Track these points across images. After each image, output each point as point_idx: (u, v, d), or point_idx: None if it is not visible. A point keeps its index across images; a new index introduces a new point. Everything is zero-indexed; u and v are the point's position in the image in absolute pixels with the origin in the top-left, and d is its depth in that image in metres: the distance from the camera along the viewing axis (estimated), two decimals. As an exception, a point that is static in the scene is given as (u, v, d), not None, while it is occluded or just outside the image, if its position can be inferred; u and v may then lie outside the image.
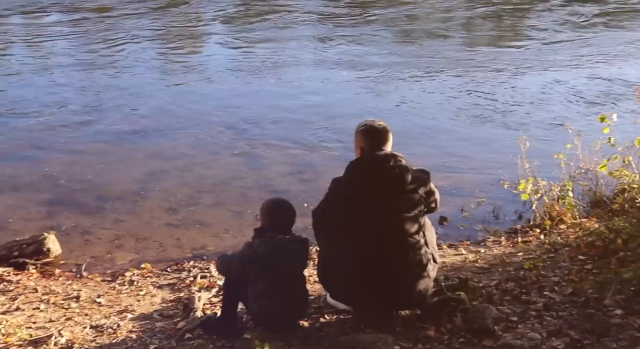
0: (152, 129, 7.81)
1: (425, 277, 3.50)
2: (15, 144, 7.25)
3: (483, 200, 5.83)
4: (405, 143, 6.93)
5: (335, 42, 12.09)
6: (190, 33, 12.72)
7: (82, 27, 12.60)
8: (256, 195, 5.96)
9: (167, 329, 3.80)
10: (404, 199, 3.48)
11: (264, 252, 3.40)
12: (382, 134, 3.57)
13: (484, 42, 12.66)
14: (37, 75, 9.70)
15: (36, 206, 5.92)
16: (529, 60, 10.94)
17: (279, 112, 8.45)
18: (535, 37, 12.51)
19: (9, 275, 4.79)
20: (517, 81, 9.88)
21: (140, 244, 5.34)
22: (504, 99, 9.09)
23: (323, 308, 3.86)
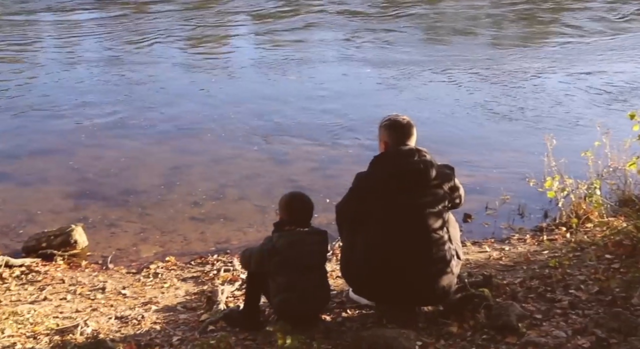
0: (178, 125, 7.88)
1: (449, 273, 3.48)
2: (44, 139, 7.35)
3: (508, 198, 5.76)
4: (429, 140, 6.88)
5: (363, 39, 12.09)
6: (218, 30, 12.79)
7: (111, 24, 12.74)
8: (280, 190, 5.93)
9: (191, 321, 3.83)
10: (428, 194, 3.46)
11: (283, 246, 3.41)
12: (406, 129, 3.55)
13: (514, 39, 12.54)
14: (66, 72, 9.84)
15: (64, 199, 6.00)
16: (558, 58, 10.81)
17: (304, 109, 8.47)
18: (568, 33, 12.35)
19: (37, 266, 4.87)
20: (545, 78, 9.77)
21: (165, 238, 5.39)
22: (531, 96, 9.00)
23: (345, 303, 3.86)
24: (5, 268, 4.72)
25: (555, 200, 5.50)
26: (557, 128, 7.50)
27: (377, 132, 3.67)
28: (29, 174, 6.46)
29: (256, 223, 5.56)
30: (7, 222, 5.53)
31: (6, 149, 6.99)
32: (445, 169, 3.56)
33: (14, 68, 9.94)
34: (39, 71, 9.77)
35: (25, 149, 7.02)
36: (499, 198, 5.79)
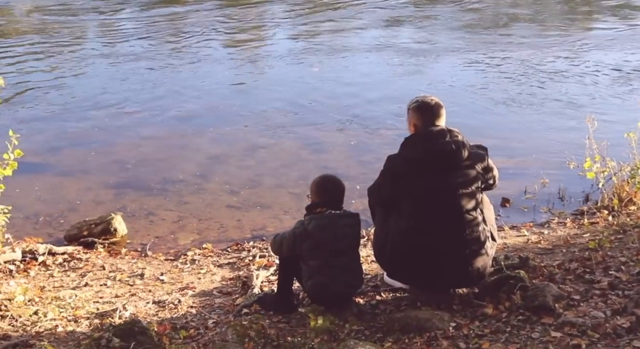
0: (215, 115, 7.96)
1: (483, 254, 3.42)
2: (86, 131, 7.52)
3: (547, 182, 5.65)
4: (467, 124, 6.81)
5: (401, 28, 12.01)
6: (255, 22, 12.85)
7: (152, 21, 12.93)
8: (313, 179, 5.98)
9: (226, 305, 3.88)
10: (461, 175, 3.41)
11: (315, 229, 3.40)
12: (435, 109, 3.50)
13: (555, 24, 12.26)
14: (106, 67, 10.03)
15: (104, 188, 6.13)
16: (599, 42, 10.54)
17: (339, 97, 8.47)
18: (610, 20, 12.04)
19: (79, 253, 4.99)
20: (586, 62, 9.57)
21: (202, 225, 5.45)
22: (573, 79, 8.82)
23: (380, 287, 3.84)
24: (49, 255, 4.85)
25: (596, 183, 5.36)
26: (598, 110, 7.31)
27: (406, 114, 3.63)
28: (71, 165, 6.62)
29: (291, 210, 5.57)
30: (50, 212, 5.67)
31: (49, 141, 7.17)
32: (477, 150, 3.51)
33: (57, 64, 10.18)
34: (80, 67, 9.98)
35: (67, 141, 7.19)
36: (539, 182, 5.69)
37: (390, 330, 3.19)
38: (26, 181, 5.98)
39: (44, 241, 5.03)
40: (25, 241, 4.95)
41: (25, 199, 5.78)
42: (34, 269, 4.65)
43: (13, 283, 4.26)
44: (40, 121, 7.82)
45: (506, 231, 4.93)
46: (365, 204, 3.88)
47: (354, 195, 5.21)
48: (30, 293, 4.05)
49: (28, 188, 5.98)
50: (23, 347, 3.26)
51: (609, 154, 5.26)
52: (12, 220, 4.77)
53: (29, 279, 4.47)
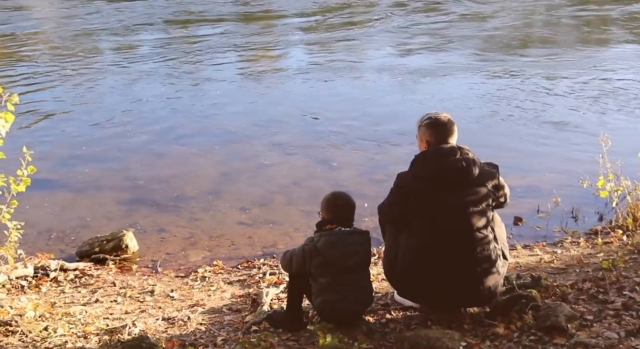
0: (227, 132, 8.01)
1: (494, 273, 3.39)
2: (99, 148, 7.58)
3: (560, 200, 5.60)
4: (479, 142, 6.80)
5: (414, 48, 12.07)
6: (266, 40, 12.96)
7: (165, 41, 13.09)
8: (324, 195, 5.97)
9: (235, 322, 3.86)
10: (471, 192, 3.38)
11: (324, 246, 3.39)
12: (447, 127, 3.49)
13: (569, 45, 12.26)
14: (121, 86, 10.16)
15: (117, 204, 6.17)
16: (613, 62, 10.53)
17: (350, 115, 8.50)
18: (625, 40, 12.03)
19: (90, 269, 5.00)
20: (600, 82, 9.53)
21: (213, 242, 5.46)
22: (586, 98, 8.79)
23: (390, 305, 3.81)
24: (60, 271, 4.86)
25: (610, 202, 5.31)
26: (612, 129, 7.25)
27: (416, 131, 3.62)
28: (84, 181, 6.66)
29: (302, 227, 5.56)
30: (62, 228, 5.71)
31: (63, 158, 7.24)
32: (488, 167, 3.49)
33: (72, 83, 10.32)
34: (94, 87, 10.11)
35: (80, 158, 7.25)
36: (551, 201, 5.64)
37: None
38: (39, 197, 6.04)
39: (56, 257, 5.05)
40: (37, 256, 4.98)
41: (38, 215, 5.82)
42: (45, 285, 4.67)
43: (24, 299, 4.28)
44: (54, 138, 7.91)
45: (518, 249, 4.89)
46: (376, 222, 3.86)
47: (365, 213, 5.19)
48: (40, 308, 4.06)
49: (41, 204, 6.03)
50: (32, 363, 3.25)
51: (623, 173, 5.21)
52: (25, 236, 4.80)
53: (40, 295, 4.48)
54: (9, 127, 4.28)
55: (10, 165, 4.52)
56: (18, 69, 11.18)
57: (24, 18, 15.58)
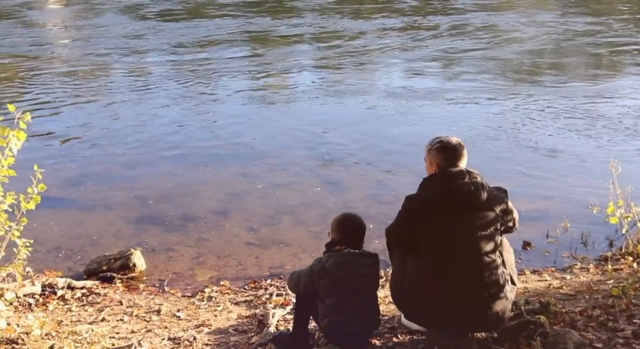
0: (235, 152, 8.03)
1: (502, 298, 3.37)
2: (109, 168, 7.61)
3: (569, 226, 5.58)
4: (487, 167, 6.80)
5: (422, 70, 12.15)
6: (276, 61, 13.06)
7: (176, 62, 13.22)
8: (335, 216, 5.97)
9: (241, 343, 3.85)
10: (479, 216, 3.38)
11: (332, 266, 3.39)
12: (458, 150, 3.49)
13: (580, 72, 12.30)
14: (132, 105, 10.22)
15: (125, 223, 6.18)
16: (624, 89, 10.55)
17: (361, 137, 8.51)
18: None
19: (97, 288, 5.01)
20: (610, 108, 9.52)
21: (221, 262, 5.45)
22: (597, 124, 8.76)
23: (397, 328, 3.79)
24: (68, 289, 4.87)
25: (620, 229, 5.27)
26: (622, 156, 7.24)
27: (425, 154, 3.63)
28: (93, 200, 6.69)
29: (310, 249, 5.56)
30: (71, 246, 5.72)
31: (72, 176, 7.27)
32: (497, 192, 3.48)
33: (83, 102, 10.41)
34: (105, 105, 10.18)
35: (89, 177, 7.27)
36: (561, 226, 5.62)
37: (407, 374, 3.13)
38: (49, 215, 6.06)
39: (63, 275, 5.07)
40: (45, 274, 4.99)
41: (47, 233, 5.84)
42: (52, 303, 4.67)
43: (31, 317, 4.28)
44: (65, 156, 7.96)
45: (527, 275, 4.86)
46: (384, 244, 3.86)
47: (373, 235, 5.18)
48: (47, 326, 4.06)
49: (50, 222, 6.05)
50: (37, 381, 3.25)
51: (633, 199, 5.18)
52: (34, 253, 4.81)
53: (47, 313, 4.48)
54: (20, 145, 4.32)
55: (20, 183, 4.55)
56: (27, 89, 11.29)
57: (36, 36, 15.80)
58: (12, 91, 11.19)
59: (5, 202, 4.34)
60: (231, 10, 18.41)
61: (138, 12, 18.57)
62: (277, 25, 16.62)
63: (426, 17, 16.88)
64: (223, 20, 16.98)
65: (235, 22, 16.84)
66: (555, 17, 17.02)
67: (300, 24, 16.59)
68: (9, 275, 4.57)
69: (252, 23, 16.70)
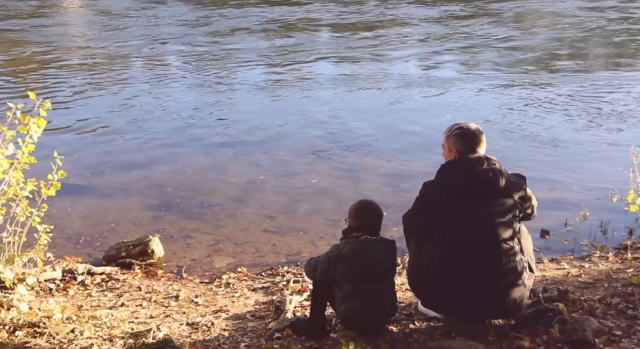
0: (253, 141, 8.06)
1: (520, 285, 3.35)
2: (128, 156, 7.68)
3: (588, 214, 5.52)
4: (507, 154, 6.77)
5: (444, 61, 12.07)
6: (295, 51, 13.05)
7: (194, 52, 13.25)
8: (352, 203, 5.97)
9: (258, 329, 3.87)
10: (498, 203, 3.36)
11: (349, 253, 3.39)
12: (477, 136, 3.48)
13: (601, 62, 12.14)
14: (151, 94, 10.28)
15: (143, 210, 6.24)
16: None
17: (377, 124, 8.51)
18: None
19: (116, 274, 5.06)
20: (631, 97, 9.38)
21: (238, 249, 5.48)
22: (616, 110, 8.65)
23: (414, 315, 3.79)
24: (87, 275, 4.92)
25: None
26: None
27: (443, 140, 3.61)
28: (111, 187, 6.74)
29: (327, 236, 5.56)
30: (90, 233, 5.78)
31: (92, 164, 7.34)
32: (515, 178, 3.46)
33: (102, 91, 10.50)
34: (124, 95, 10.25)
35: (109, 165, 7.35)
36: (579, 214, 5.56)
37: (424, 360, 3.14)
38: (68, 202, 6.14)
39: (83, 261, 5.12)
40: (65, 260, 5.05)
41: (66, 220, 5.91)
42: (72, 288, 4.73)
43: (52, 301, 4.34)
44: (83, 144, 8.04)
45: (545, 263, 4.83)
46: (401, 232, 3.85)
47: (390, 222, 5.14)
48: (68, 311, 4.12)
49: (70, 209, 6.12)
50: (59, 364, 3.30)
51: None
52: (54, 239, 4.88)
53: (67, 298, 4.54)
54: (40, 132, 4.37)
55: (41, 170, 4.61)
56: (46, 78, 11.40)
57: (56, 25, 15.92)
58: (32, 80, 11.30)
59: (26, 188, 4.40)
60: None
61: (157, 0, 18.64)
62: (296, 13, 16.58)
63: (452, 4, 16.73)
64: (243, 10, 16.98)
65: (255, 10, 16.84)
66: (617, 2, 16.71)
67: (319, 11, 16.52)
68: (30, 260, 4.65)
69: (272, 12, 16.68)
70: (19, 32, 15.14)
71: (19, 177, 4.36)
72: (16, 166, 4.33)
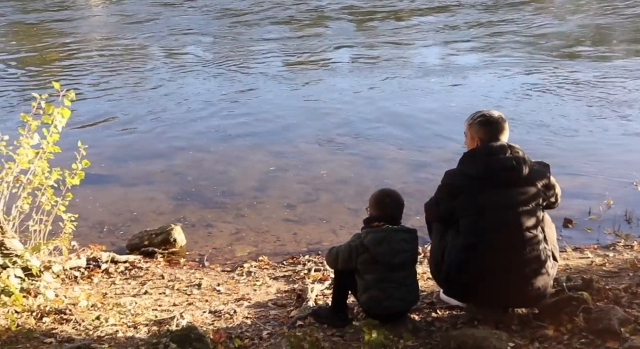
0: (273, 130, 8.07)
1: (544, 274, 3.33)
2: (150, 146, 7.74)
3: (612, 203, 5.46)
4: (530, 142, 6.71)
5: (464, 49, 11.96)
6: (315, 42, 13.01)
7: (216, 44, 13.29)
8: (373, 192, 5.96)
9: (280, 317, 3.90)
10: (521, 191, 3.33)
11: (371, 242, 3.38)
12: (499, 124, 3.44)
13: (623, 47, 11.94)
14: (173, 85, 10.32)
15: (166, 199, 6.29)
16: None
17: (398, 113, 8.46)
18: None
19: (139, 262, 5.11)
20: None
21: (259, 238, 5.50)
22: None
23: (435, 304, 3.79)
24: (111, 263, 4.99)
25: (666, 206, 5.16)
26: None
27: (465, 128, 3.58)
28: (135, 177, 6.81)
29: (348, 225, 5.56)
30: (114, 222, 5.85)
31: (115, 154, 7.41)
32: (539, 166, 3.42)
33: (123, 82, 10.57)
34: (146, 87, 10.32)
35: (132, 155, 7.41)
36: (603, 203, 5.50)
37: (446, 348, 3.13)
38: (92, 191, 6.21)
39: (107, 250, 5.19)
40: (89, 248, 5.12)
41: (90, 209, 5.98)
42: (97, 276, 4.79)
43: (77, 289, 4.41)
44: (107, 134, 8.12)
45: (568, 252, 4.79)
46: (423, 221, 3.84)
47: (412, 212, 5.16)
48: (93, 298, 4.18)
49: (94, 198, 6.19)
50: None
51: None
52: (78, 228, 4.95)
53: (92, 286, 4.61)
54: (65, 122, 4.42)
55: (65, 159, 4.67)
56: (69, 70, 11.51)
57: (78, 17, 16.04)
58: (56, 71, 11.42)
59: (51, 177, 4.45)
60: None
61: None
62: (319, 1, 16.52)
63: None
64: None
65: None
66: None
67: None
68: (55, 248, 4.72)
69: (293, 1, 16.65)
70: (44, 24, 15.29)
71: (44, 167, 4.42)
72: (41, 155, 4.39)
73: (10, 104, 9.40)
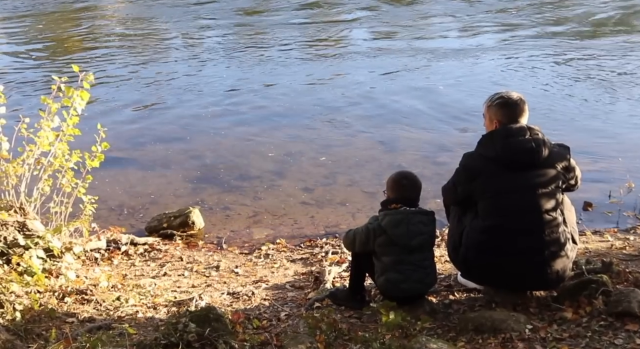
0: (290, 114, 8.07)
1: (563, 257, 3.30)
2: (168, 129, 7.77)
3: (633, 185, 5.39)
4: (551, 124, 6.64)
5: (480, 30, 11.82)
6: (333, 22, 12.94)
7: (233, 31, 13.26)
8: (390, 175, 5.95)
9: (298, 298, 3.92)
10: (540, 174, 3.30)
11: (389, 225, 3.38)
12: (518, 106, 3.40)
13: None
14: (191, 70, 10.35)
15: (184, 183, 6.33)
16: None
17: (413, 98, 8.42)
18: None
19: (158, 244, 5.17)
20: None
21: (276, 221, 5.53)
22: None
23: (453, 286, 3.78)
24: (130, 245, 5.05)
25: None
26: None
27: (484, 110, 3.55)
28: (153, 160, 6.85)
29: (365, 208, 5.57)
30: (133, 204, 5.90)
31: (134, 137, 7.46)
32: (559, 148, 3.38)
33: (141, 65, 10.61)
34: (164, 71, 10.34)
35: (150, 138, 7.45)
36: (624, 186, 5.43)
37: (464, 330, 3.14)
38: (112, 174, 6.27)
39: (126, 232, 5.24)
40: (109, 230, 5.17)
41: (109, 192, 6.04)
42: (117, 257, 4.85)
43: (98, 270, 4.47)
44: (126, 117, 8.17)
45: (588, 235, 4.75)
46: (440, 204, 3.82)
47: (429, 195, 5.15)
48: (113, 279, 4.23)
49: (113, 181, 6.25)
50: (106, 329, 3.40)
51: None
52: (98, 210, 5.02)
53: (112, 267, 4.67)
54: (84, 105, 4.46)
55: (85, 142, 4.71)
56: (87, 55, 11.56)
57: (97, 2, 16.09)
58: (77, 57, 11.47)
59: (71, 160, 4.50)
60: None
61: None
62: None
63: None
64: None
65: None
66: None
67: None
68: (76, 230, 4.78)
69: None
70: (66, 13, 15.35)
71: (64, 149, 4.46)
72: (61, 138, 4.43)
73: (34, 88, 9.47)
